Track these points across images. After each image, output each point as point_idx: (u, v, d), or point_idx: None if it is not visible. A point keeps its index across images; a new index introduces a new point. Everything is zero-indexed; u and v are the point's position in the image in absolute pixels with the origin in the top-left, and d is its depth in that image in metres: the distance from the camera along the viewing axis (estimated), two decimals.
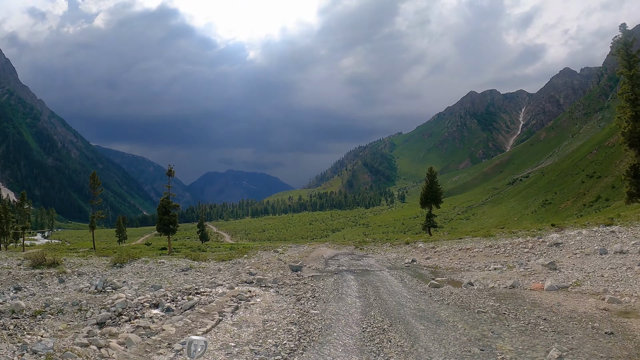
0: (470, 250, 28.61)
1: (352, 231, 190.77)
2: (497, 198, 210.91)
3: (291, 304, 15.35)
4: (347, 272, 23.80)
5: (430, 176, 59.08)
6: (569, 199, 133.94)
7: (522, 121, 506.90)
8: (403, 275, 22.05)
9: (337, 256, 33.08)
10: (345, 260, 30.24)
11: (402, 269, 24.47)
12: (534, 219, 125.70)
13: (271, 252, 36.43)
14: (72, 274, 24.00)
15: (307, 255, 33.14)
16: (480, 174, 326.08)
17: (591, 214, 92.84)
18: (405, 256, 30.95)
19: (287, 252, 36.20)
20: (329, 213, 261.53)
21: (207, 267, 26.78)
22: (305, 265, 26.36)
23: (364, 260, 29.93)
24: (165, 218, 47.61)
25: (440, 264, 26.23)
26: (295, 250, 39.30)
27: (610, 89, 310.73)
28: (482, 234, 36.15)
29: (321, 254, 34.62)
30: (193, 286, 18.77)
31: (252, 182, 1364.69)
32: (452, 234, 50.23)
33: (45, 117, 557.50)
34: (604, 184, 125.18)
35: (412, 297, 16.32)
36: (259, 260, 30.29)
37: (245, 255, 33.37)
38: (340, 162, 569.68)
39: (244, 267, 26.63)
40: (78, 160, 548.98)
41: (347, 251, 38.21)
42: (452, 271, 23.53)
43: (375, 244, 41.60)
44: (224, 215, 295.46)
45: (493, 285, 17.91)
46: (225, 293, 16.88)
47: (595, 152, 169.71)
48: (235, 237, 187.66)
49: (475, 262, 25.20)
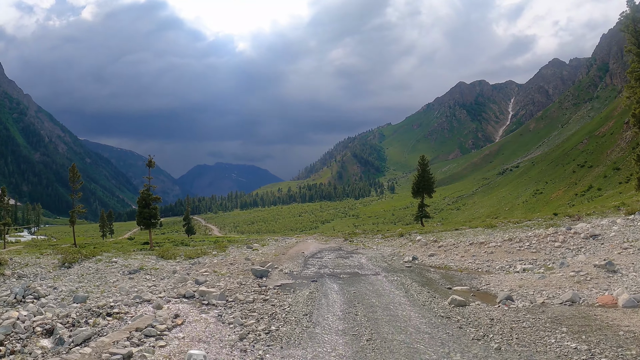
0: (484, 245, 24.36)
1: (342, 222, 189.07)
2: (487, 188, 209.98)
3: (227, 347, 9.80)
4: (330, 277, 19.13)
5: (422, 164, 56.78)
6: (560, 188, 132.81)
7: (511, 111, 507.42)
8: (406, 282, 17.34)
9: (321, 252, 29.07)
10: (331, 258, 26.11)
11: (403, 272, 20.01)
12: (525, 209, 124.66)
13: (244, 249, 32.39)
14: (11, 276, 20.30)
15: (284, 252, 29.29)
16: (469, 164, 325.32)
17: (584, 203, 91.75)
18: (403, 252, 27.47)
19: (264, 248, 32.52)
20: (318, 204, 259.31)
21: (162, 269, 22.33)
22: (277, 268, 21.84)
23: (354, 257, 25.80)
24: (145, 211, 44.72)
25: (449, 263, 22.24)
26: (275, 245, 36.22)
27: (600, 79, 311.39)
28: (484, 225, 33.54)
29: (303, 249, 31.12)
30: (109, 302, 14.35)
31: (241, 174, 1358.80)
32: (445, 224, 48.33)
33: (32, 112, 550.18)
34: (596, 173, 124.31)
35: (431, 329, 10.97)
36: (224, 259, 25.78)
37: (214, 253, 29.29)
38: (329, 153, 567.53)
39: (201, 269, 21.91)
40: (66, 155, 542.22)
41: (334, 245, 35.04)
42: (468, 274, 19.05)
43: (365, 236, 39.50)
44: (213, 208, 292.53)
45: (542, 299, 13.09)
46: (146, 313, 12.64)
47: (586, 141, 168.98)
48: (224, 230, 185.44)
49: (494, 260, 21.17)
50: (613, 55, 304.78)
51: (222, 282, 18.29)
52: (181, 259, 26.37)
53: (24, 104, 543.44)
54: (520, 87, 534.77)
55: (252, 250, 30.42)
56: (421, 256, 25.15)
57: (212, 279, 18.99)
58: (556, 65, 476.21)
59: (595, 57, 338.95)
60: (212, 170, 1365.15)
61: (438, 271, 20.45)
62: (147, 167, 45.52)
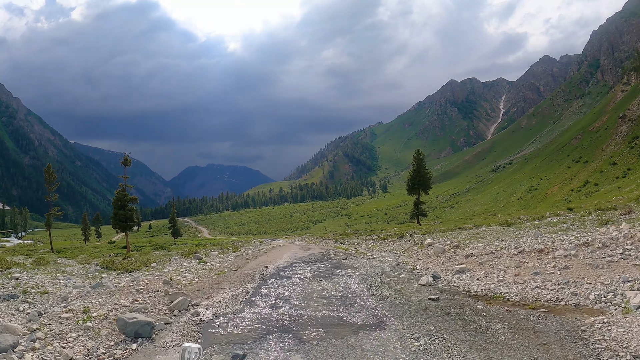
0: (547, 254, 15.69)
1: (334, 222, 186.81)
2: (480, 185, 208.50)
3: None
4: (282, 339, 10.19)
5: (418, 159, 53.89)
6: (555, 184, 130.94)
7: (502, 109, 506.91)
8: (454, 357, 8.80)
9: (293, 266, 22.04)
10: (304, 278, 18.26)
11: (430, 315, 11.72)
12: (520, 206, 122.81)
13: (191, 260, 25.28)
14: None
15: (242, 266, 22.31)
16: (462, 162, 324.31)
17: (582, 199, 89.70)
18: (411, 262, 21.04)
19: (218, 259, 25.62)
20: (310, 204, 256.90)
21: (56, 293, 14.13)
22: (196, 306, 13.34)
23: (340, 277, 18.13)
24: (120, 213, 41.68)
25: (500, 287, 14.15)
26: (246, 251, 30.68)
27: (591, 75, 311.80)
28: (496, 221, 29.47)
29: (271, 259, 24.97)
30: None
31: (233, 175, 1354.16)
32: (445, 223, 45.49)
33: (22, 116, 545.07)
34: (592, 168, 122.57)
35: None
36: (152, 277, 17.97)
37: (152, 265, 22.43)
38: (320, 153, 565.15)
39: (95, 298, 13.75)
40: (56, 158, 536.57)
41: (318, 252, 28.64)
42: (549, 312, 11.38)
43: (358, 237, 36.24)
44: (204, 210, 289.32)
45: None
46: None
47: (580, 137, 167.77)
48: (214, 232, 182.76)
49: (578, 281, 12.95)
50: (604, 51, 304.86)
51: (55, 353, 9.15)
52: (117, 272, 19.90)
53: (13, 107, 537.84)
54: (511, 85, 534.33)
55: (198, 263, 23.58)
56: (444, 273, 17.38)
57: (50, 337, 9.91)
58: (547, 62, 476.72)
59: (586, 53, 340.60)
60: (203, 172, 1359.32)
61: (492, 309, 12.11)
62: (122, 165, 42.70)
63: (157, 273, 19.49)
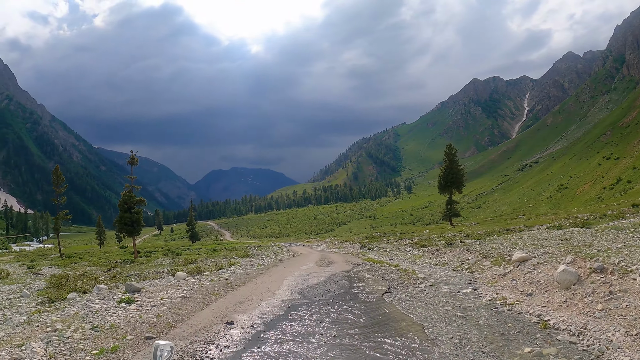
0: None
1: (359, 224, 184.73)
2: (507, 185, 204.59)
3: None
4: None
5: (450, 154, 51.18)
6: (586, 182, 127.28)
7: (526, 107, 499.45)
8: None
9: (285, 323, 11.27)
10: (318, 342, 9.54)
11: None
12: (549, 205, 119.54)
13: (114, 292, 16.32)
14: None
15: (187, 317, 11.96)
16: (487, 161, 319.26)
17: (616, 197, 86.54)
18: (509, 298, 12.34)
19: (182, 287, 17.61)
20: (334, 206, 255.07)
21: None
22: None
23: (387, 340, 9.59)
24: (126, 216, 39.43)
25: None
26: (237, 269, 24.15)
27: (617, 70, 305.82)
28: (570, 223, 25.90)
29: (264, 291, 16.30)
30: None
31: (257, 178, 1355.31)
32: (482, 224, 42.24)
33: (46, 122, 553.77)
34: (624, 165, 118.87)
35: None
36: None
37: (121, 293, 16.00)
38: (344, 154, 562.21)
39: None
40: (80, 163, 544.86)
41: (341, 269, 22.31)
42: None
43: (387, 241, 33.45)
44: (227, 212, 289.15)
45: None
46: None
47: (610, 133, 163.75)
48: (236, 235, 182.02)
49: None
50: (629, 45, 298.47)
51: None
52: None
53: (37, 113, 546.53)
54: (535, 82, 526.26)
55: (117, 303, 13.92)
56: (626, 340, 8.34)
57: None
58: (570, 58, 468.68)
59: (611, 48, 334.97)
60: (227, 175, 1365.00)
61: None
62: (128, 164, 40.53)
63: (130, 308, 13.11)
